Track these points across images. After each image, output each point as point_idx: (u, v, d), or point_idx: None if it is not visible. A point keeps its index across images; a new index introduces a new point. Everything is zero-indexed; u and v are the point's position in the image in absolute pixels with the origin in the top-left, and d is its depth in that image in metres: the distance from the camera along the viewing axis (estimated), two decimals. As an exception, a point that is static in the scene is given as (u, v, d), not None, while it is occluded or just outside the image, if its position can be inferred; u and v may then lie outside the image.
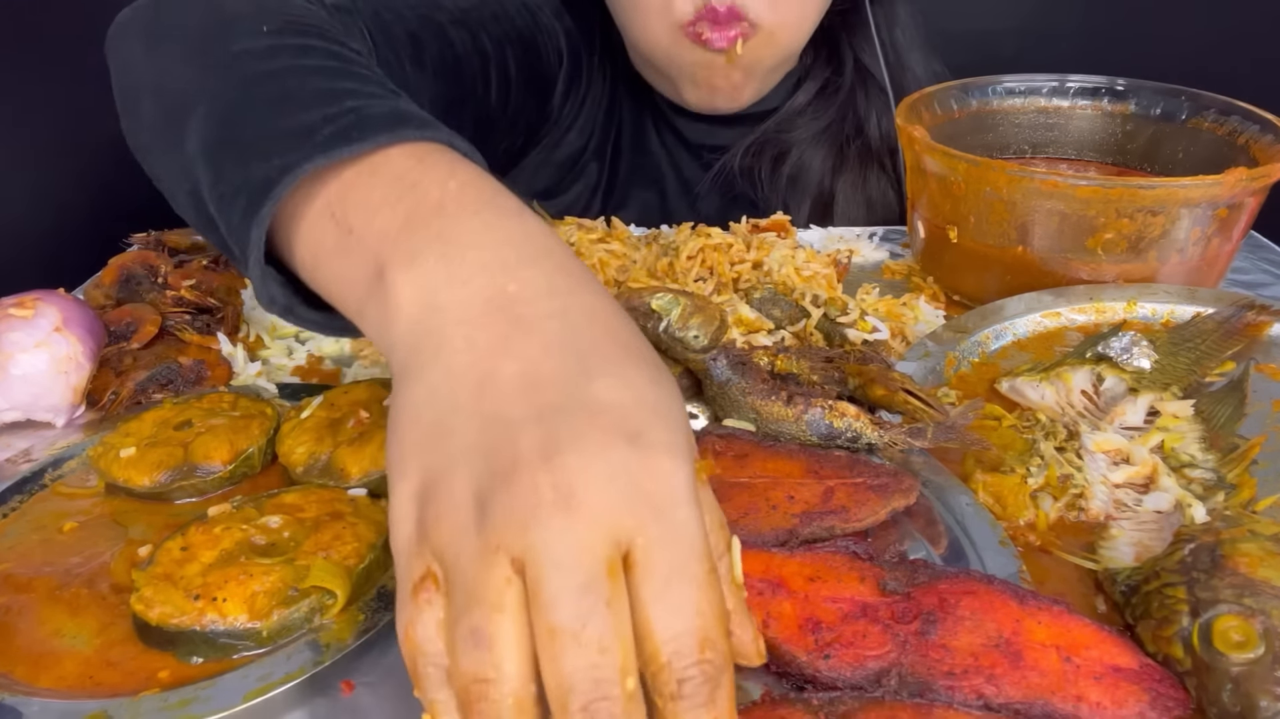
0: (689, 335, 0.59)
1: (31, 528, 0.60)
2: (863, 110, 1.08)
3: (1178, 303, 0.76)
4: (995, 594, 0.46)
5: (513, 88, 0.95)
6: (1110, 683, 0.42)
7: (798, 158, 1.07)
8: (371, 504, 0.57)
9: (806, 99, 1.08)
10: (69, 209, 1.34)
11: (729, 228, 0.91)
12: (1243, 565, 0.45)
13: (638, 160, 1.12)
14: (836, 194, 1.08)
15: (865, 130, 1.08)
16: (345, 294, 0.45)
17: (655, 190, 1.12)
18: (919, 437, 0.57)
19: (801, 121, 1.08)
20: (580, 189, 1.11)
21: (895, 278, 0.93)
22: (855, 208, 1.09)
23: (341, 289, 0.45)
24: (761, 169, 1.07)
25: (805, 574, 0.48)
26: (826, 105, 1.08)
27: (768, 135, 1.07)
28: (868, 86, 1.08)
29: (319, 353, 0.81)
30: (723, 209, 1.08)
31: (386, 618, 0.51)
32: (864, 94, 1.08)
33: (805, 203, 1.08)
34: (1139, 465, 0.58)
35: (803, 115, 1.08)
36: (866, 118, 1.08)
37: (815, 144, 1.08)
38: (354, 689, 0.49)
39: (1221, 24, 1.55)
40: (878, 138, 1.09)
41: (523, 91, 0.97)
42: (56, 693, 0.48)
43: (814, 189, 1.08)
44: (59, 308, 0.71)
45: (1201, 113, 0.88)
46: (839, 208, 1.08)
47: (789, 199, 1.08)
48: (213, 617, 0.49)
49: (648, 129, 1.12)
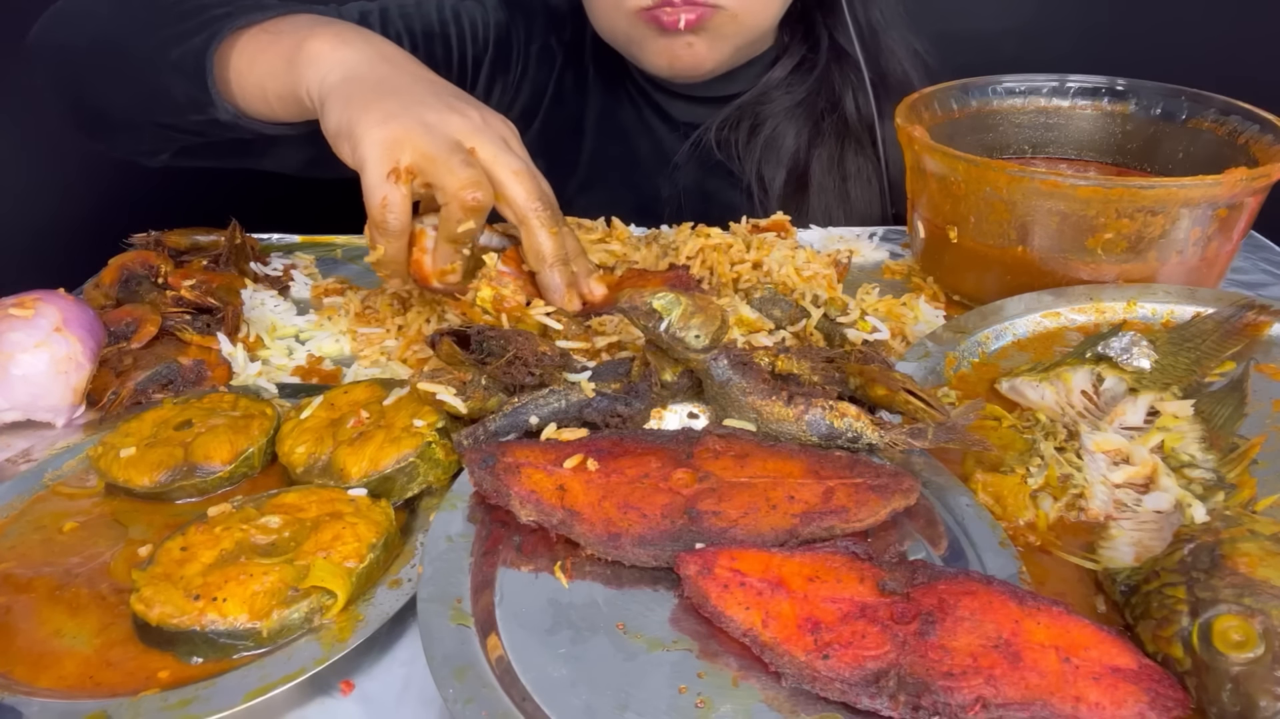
0: (690, 335, 0.59)
1: (31, 528, 0.60)
2: (838, 87, 1.11)
3: (1178, 303, 0.76)
4: (995, 595, 0.46)
5: None
6: (1110, 683, 0.42)
7: (772, 129, 1.10)
8: (371, 504, 0.57)
9: (782, 74, 1.11)
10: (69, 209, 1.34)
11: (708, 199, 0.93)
12: (1242, 565, 0.45)
13: (609, 137, 1.16)
14: (812, 166, 1.11)
15: (841, 106, 1.11)
16: (275, 67, 0.78)
17: (627, 164, 1.16)
18: (919, 437, 0.57)
19: (776, 95, 1.10)
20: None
21: (895, 278, 0.93)
22: (832, 182, 1.11)
23: (272, 65, 0.78)
24: (737, 140, 1.10)
25: (805, 574, 0.48)
26: (801, 81, 1.11)
27: (744, 108, 1.10)
28: (843, 64, 1.11)
29: (319, 353, 0.81)
30: (699, 179, 1.11)
31: (386, 618, 0.51)
32: (839, 71, 1.11)
33: (780, 173, 1.10)
34: (1139, 465, 0.58)
35: (778, 89, 1.11)
36: (842, 94, 1.11)
37: (790, 117, 1.10)
38: (354, 689, 0.50)
39: (1221, 24, 1.55)
40: (854, 114, 1.11)
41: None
42: (56, 693, 0.48)
43: (788, 160, 1.10)
44: (59, 308, 0.71)
45: (1201, 113, 0.88)
46: (815, 180, 1.10)
47: (764, 169, 1.10)
48: (213, 617, 0.49)
49: (623, 107, 1.15)
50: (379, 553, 0.54)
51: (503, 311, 0.72)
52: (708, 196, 1.12)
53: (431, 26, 1.09)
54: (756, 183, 1.09)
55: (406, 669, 0.51)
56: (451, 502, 0.56)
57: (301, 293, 0.91)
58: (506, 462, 0.56)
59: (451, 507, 0.56)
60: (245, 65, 0.80)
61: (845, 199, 1.11)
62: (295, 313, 0.87)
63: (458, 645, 0.46)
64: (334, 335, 0.83)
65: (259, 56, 0.79)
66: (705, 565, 0.49)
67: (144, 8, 0.87)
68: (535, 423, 0.61)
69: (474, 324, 0.70)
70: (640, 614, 0.49)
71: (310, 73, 0.75)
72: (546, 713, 0.44)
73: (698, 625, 0.48)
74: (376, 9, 1.08)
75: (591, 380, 0.63)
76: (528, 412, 0.61)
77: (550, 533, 0.54)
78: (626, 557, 0.52)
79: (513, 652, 0.47)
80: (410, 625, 0.52)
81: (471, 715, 0.43)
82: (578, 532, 0.53)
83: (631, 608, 0.50)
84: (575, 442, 0.59)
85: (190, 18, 0.83)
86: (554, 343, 0.69)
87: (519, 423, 0.61)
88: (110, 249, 0.90)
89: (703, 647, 0.47)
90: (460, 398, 0.63)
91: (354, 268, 0.99)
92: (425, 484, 0.60)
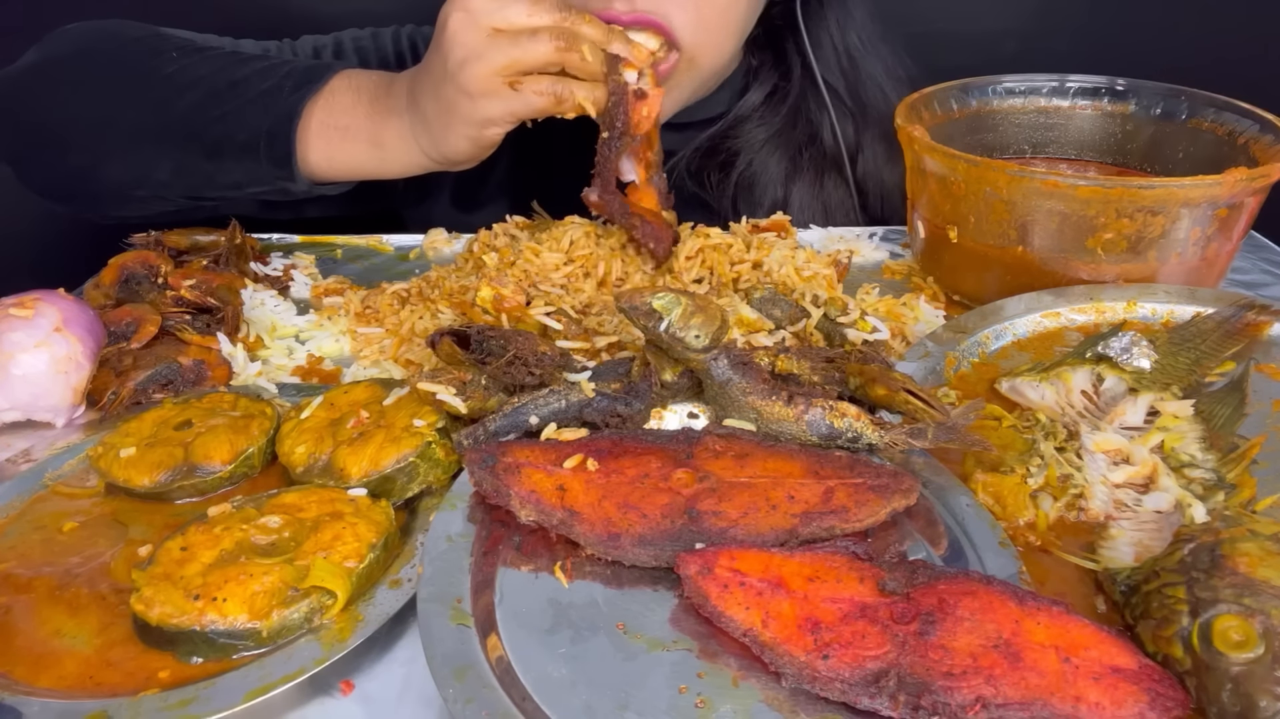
0: (690, 335, 0.59)
1: (31, 528, 0.60)
2: (815, 118, 1.07)
3: (1178, 303, 0.76)
4: (995, 595, 0.46)
5: None
6: (1110, 683, 0.42)
7: (747, 165, 1.06)
8: (371, 504, 0.57)
9: (754, 104, 1.07)
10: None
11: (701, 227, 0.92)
12: (1242, 565, 0.45)
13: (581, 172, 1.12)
14: (791, 201, 1.07)
15: (819, 138, 1.07)
16: (362, 157, 0.86)
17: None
18: (919, 437, 0.57)
19: (749, 127, 1.07)
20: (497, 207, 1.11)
21: (895, 278, 0.93)
22: (813, 215, 1.07)
23: (358, 156, 0.86)
24: (711, 173, 1.07)
25: (805, 574, 0.48)
26: (774, 112, 1.07)
27: (715, 139, 1.06)
28: (819, 93, 1.06)
29: (319, 353, 0.81)
30: (677, 212, 1.08)
31: (386, 618, 0.51)
32: (814, 101, 1.07)
33: (758, 210, 1.06)
34: (1139, 465, 0.58)
35: (749, 121, 1.07)
36: (820, 125, 1.07)
37: (767, 151, 1.07)
38: (354, 689, 0.50)
39: (1221, 24, 1.55)
40: (833, 145, 1.07)
41: None
42: (56, 693, 0.48)
43: (767, 198, 1.07)
44: (59, 308, 0.71)
45: (1201, 113, 0.88)
46: (794, 215, 1.05)
47: (742, 207, 1.07)
48: (213, 617, 0.49)
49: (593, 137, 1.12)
50: (379, 553, 0.54)
51: (503, 311, 0.72)
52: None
53: (388, 58, 1.09)
54: (733, 217, 1.03)
55: (406, 669, 0.51)
56: (451, 502, 0.56)
57: (301, 293, 0.91)
58: (506, 462, 0.56)
59: (451, 507, 0.56)
60: (323, 158, 0.85)
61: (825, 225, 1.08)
62: (295, 313, 0.87)
63: (458, 645, 0.46)
64: (334, 335, 0.83)
65: (337, 152, 0.85)
66: (705, 565, 0.49)
67: (141, 79, 0.88)
68: (535, 423, 0.61)
69: (474, 324, 0.70)
70: (640, 614, 0.49)
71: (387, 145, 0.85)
72: (546, 713, 0.44)
73: (698, 625, 0.48)
74: (330, 41, 1.09)
75: (591, 380, 0.63)
76: (528, 411, 0.61)
77: (550, 533, 0.54)
78: (626, 557, 0.52)
79: (513, 652, 0.47)
80: (410, 625, 0.52)
81: (471, 715, 0.43)
82: (578, 532, 0.53)
83: (631, 608, 0.50)
84: (575, 442, 0.59)
85: (232, 91, 0.85)
86: (554, 343, 0.69)
87: (519, 423, 0.61)
88: (110, 249, 0.90)
89: (703, 647, 0.47)
90: (460, 398, 0.63)
91: (354, 268, 0.99)
92: (425, 484, 0.60)
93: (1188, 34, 1.54)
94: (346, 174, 0.87)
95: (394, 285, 0.87)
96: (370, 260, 1.01)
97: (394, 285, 0.87)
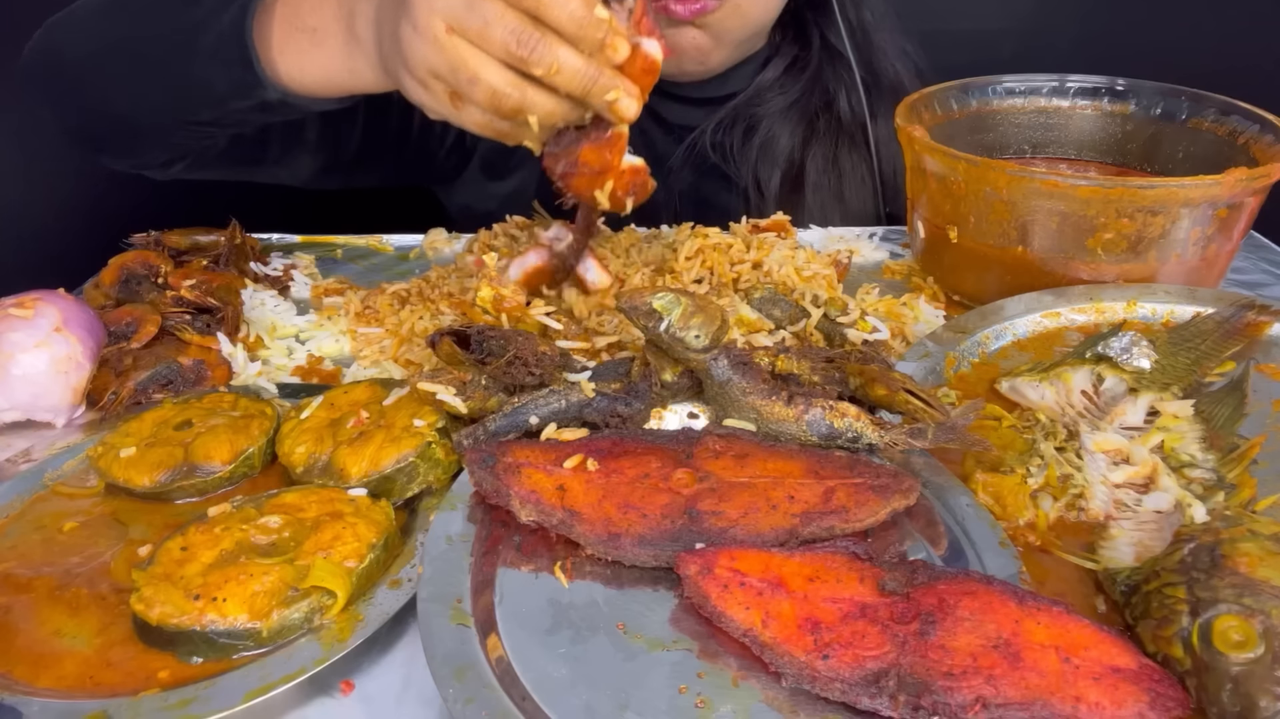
0: (690, 335, 0.59)
1: (31, 528, 0.60)
2: (831, 86, 1.11)
3: (1178, 303, 0.76)
4: (995, 595, 0.46)
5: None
6: (1110, 683, 0.42)
7: (767, 131, 1.10)
8: (371, 504, 0.57)
9: (775, 75, 1.11)
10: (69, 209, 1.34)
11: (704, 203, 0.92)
12: (1242, 565, 0.45)
13: None
14: (807, 166, 1.10)
15: (835, 105, 1.11)
16: (331, 60, 0.77)
17: None
18: (919, 437, 0.57)
19: (770, 96, 1.10)
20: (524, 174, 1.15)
21: (895, 278, 0.93)
22: (827, 181, 1.11)
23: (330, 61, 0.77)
24: (732, 143, 1.10)
25: (805, 574, 0.48)
26: (794, 81, 1.11)
27: (738, 109, 1.09)
28: (835, 64, 1.11)
29: (319, 353, 0.81)
30: (695, 183, 1.10)
31: (386, 618, 0.51)
32: (831, 71, 1.11)
33: (775, 174, 1.10)
34: (1139, 465, 0.58)
35: (771, 90, 1.11)
36: (835, 93, 1.11)
37: (784, 117, 1.10)
38: (354, 689, 0.49)
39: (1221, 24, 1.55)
40: (848, 113, 1.11)
41: None
42: (56, 693, 0.48)
43: (783, 161, 1.10)
44: (59, 308, 0.71)
45: (1201, 113, 0.88)
46: (810, 180, 1.10)
47: (760, 171, 1.10)
48: (213, 617, 0.49)
49: None
50: (379, 553, 0.54)
51: (503, 311, 0.72)
52: (703, 200, 1.12)
53: None
54: (752, 185, 1.09)
55: (406, 669, 0.51)
56: (451, 502, 0.56)
57: (301, 293, 0.91)
58: (506, 462, 0.56)
59: (451, 507, 0.56)
60: (294, 67, 0.79)
61: (840, 198, 1.11)
62: (295, 313, 0.87)
63: (458, 645, 0.46)
64: (334, 335, 0.83)
65: (308, 62, 0.78)
66: (705, 565, 0.49)
67: (147, 6, 0.87)
68: (535, 423, 0.61)
69: (474, 324, 0.70)
70: (640, 614, 0.49)
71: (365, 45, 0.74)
72: (546, 713, 0.44)
73: (698, 625, 0.48)
74: None
75: (591, 380, 0.63)
76: (528, 412, 0.61)
77: (550, 533, 0.54)
78: (626, 557, 0.52)
79: (513, 652, 0.47)
80: (410, 625, 0.52)
81: (471, 715, 0.43)
82: (578, 532, 0.53)
83: (631, 608, 0.50)
84: (575, 442, 0.59)
85: (198, 3, 0.82)
86: (554, 343, 0.69)
87: (519, 423, 0.61)
88: (110, 249, 0.90)
89: (703, 647, 0.47)
90: (460, 398, 0.63)
91: (354, 268, 0.99)
92: (425, 484, 0.60)
93: (1188, 34, 1.54)
94: (321, 85, 0.79)
95: (394, 285, 0.87)
96: (370, 260, 1.01)
97: (394, 285, 0.87)
